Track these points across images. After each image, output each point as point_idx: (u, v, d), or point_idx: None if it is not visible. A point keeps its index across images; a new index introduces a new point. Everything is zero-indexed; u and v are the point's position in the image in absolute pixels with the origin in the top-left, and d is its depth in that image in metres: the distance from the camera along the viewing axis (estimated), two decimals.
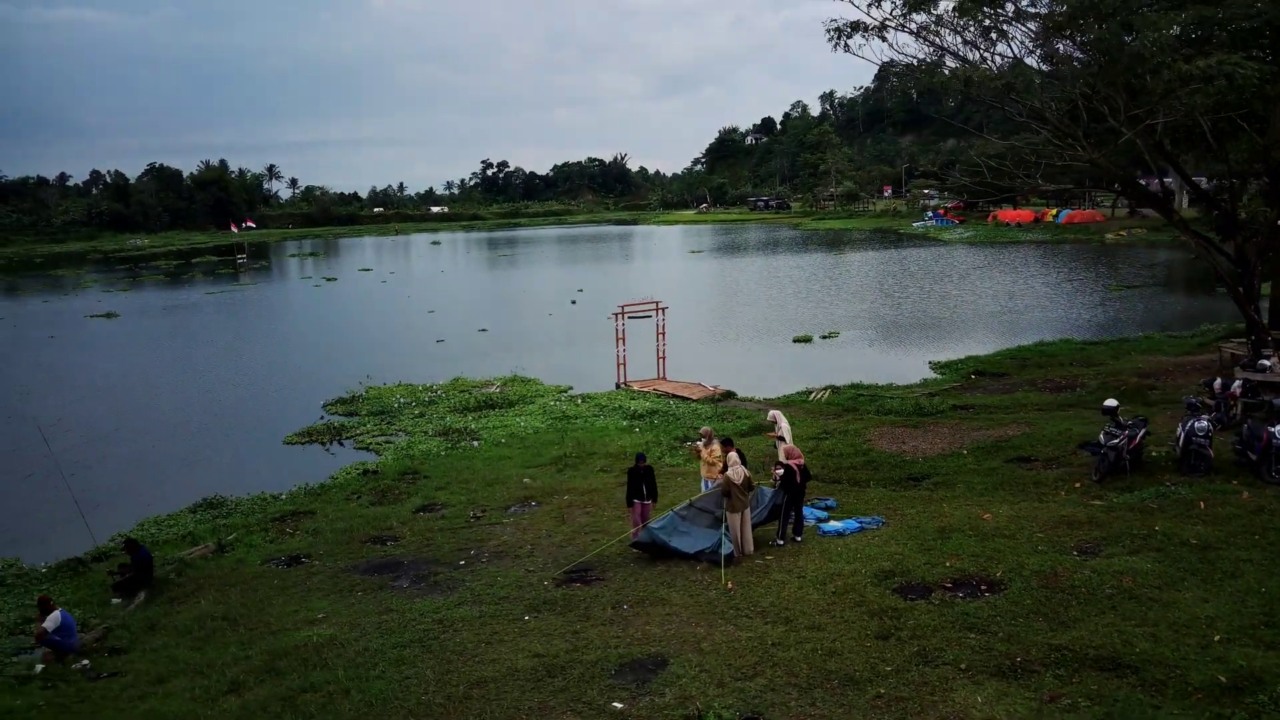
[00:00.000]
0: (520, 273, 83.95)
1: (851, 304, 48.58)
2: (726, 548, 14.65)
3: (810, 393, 27.80)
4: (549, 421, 26.22)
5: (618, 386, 30.44)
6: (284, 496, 20.84)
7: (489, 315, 52.00)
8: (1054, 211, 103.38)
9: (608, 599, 14.02)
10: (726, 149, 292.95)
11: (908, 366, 32.24)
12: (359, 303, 63.48)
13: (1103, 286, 51.87)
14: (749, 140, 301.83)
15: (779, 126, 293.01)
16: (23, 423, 29.81)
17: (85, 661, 13.46)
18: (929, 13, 22.71)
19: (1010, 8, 23.30)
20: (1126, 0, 21.17)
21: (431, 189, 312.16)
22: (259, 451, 25.35)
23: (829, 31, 23.59)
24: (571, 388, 30.88)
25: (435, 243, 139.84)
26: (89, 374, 38.24)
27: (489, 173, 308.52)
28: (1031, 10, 23.76)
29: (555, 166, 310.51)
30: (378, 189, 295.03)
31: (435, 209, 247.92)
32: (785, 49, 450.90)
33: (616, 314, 31.04)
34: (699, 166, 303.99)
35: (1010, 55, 23.94)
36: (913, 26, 23.07)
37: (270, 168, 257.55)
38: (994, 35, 22.99)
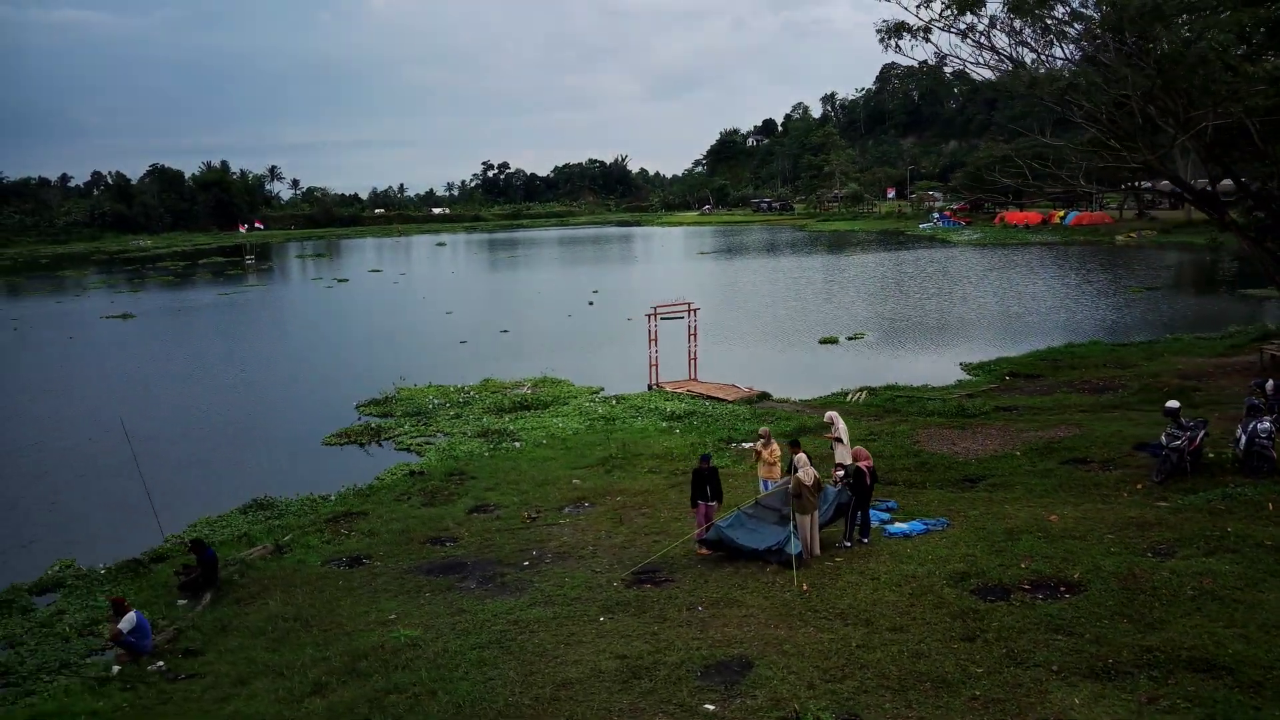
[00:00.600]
0: (530, 274, 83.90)
1: (872, 305, 48.60)
2: (796, 547, 14.64)
3: (847, 394, 27.80)
4: (587, 423, 26.21)
5: (650, 388, 30.42)
6: (333, 498, 20.82)
7: (507, 317, 51.99)
8: (1061, 213, 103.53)
9: (682, 601, 14.01)
10: (727, 150, 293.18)
11: (939, 368, 32.25)
12: (375, 304, 63.41)
13: (1122, 288, 51.92)
14: (750, 142, 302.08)
15: (780, 128, 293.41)
16: (56, 423, 29.82)
17: (160, 663, 13.45)
18: (977, 13, 22.68)
19: (1063, 9, 23.27)
20: (1189, 2, 21.17)
21: (432, 190, 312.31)
22: (299, 452, 25.32)
23: (879, 33, 23.65)
24: (603, 389, 30.87)
25: (440, 244, 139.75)
26: (117, 375, 38.18)
27: (490, 174, 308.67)
28: (1085, 11, 23.73)
29: (556, 168, 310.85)
30: (378, 190, 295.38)
31: (437, 210, 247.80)
32: (784, 51, 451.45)
33: (650, 314, 31.01)
34: (699, 168, 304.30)
35: (1063, 56, 23.89)
36: (960, 27, 23.02)
37: (272, 169, 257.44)
38: (1052, 36, 22.93)
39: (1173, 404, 16.98)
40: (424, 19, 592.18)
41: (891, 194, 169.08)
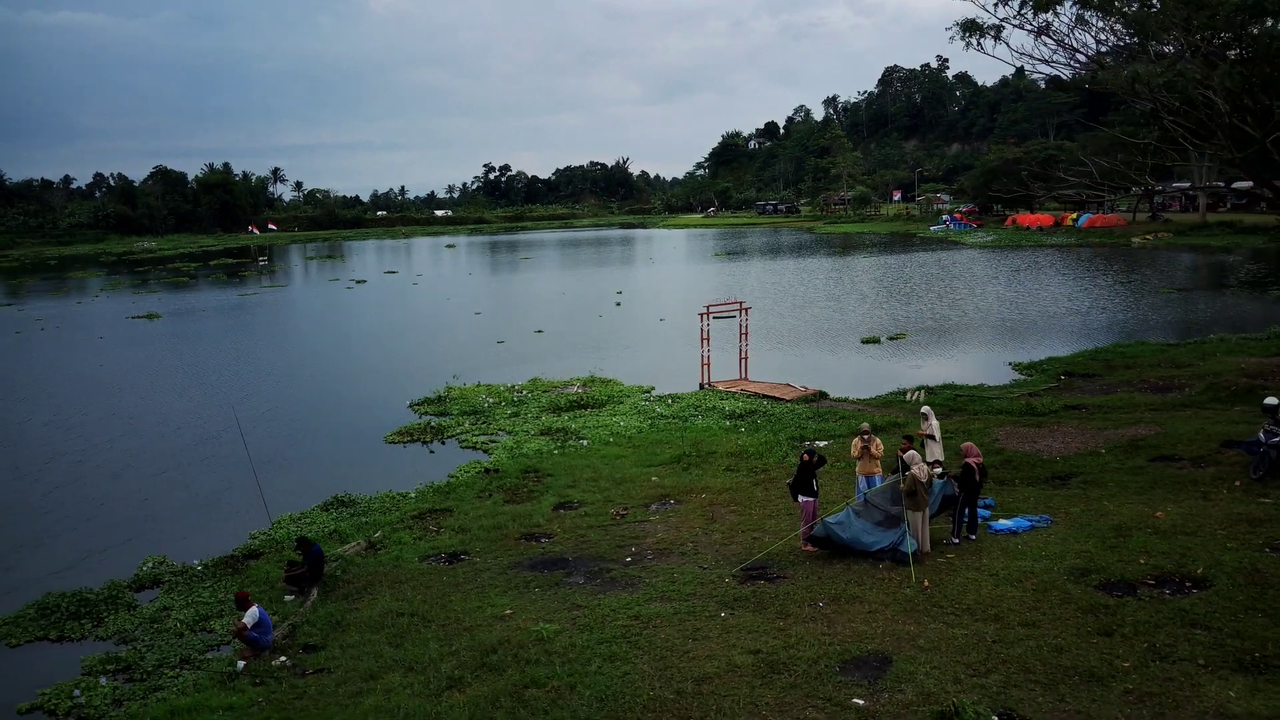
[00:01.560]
0: (548, 275, 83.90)
1: (906, 306, 48.64)
2: (911, 545, 14.65)
3: (905, 393, 27.83)
4: (648, 421, 26.20)
5: (702, 387, 30.42)
6: (412, 495, 20.80)
7: (536, 317, 51.98)
8: (1074, 216, 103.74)
9: (801, 596, 14.03)
10: (730, 153, 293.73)
11: (988, 367, 32.31)
12: (401, 305, 63.42)
13: (1152, 289, 52.02)
14: (752, 145, 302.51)
15: (782, 131, 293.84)
16: (123, 422, 29.80)
17: (284, 658, 13.42)
18: (1055, 12, 22.75)
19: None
20: None
21: (433, 193, 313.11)
22: (364, 450, 25.30)
23: (961, 31, 23.75)
24: (654, 388, 30.87)
25: (450, 246, 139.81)
26: (164, 374, 38.17)
27: (491, 176, 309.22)
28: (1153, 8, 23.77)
29: (557, 170, 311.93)
30: (379, 192, 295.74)
31: (439, 212, 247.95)
32: (783, 53, 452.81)
33: (702, 314, 31.04)
34: (701, 171, 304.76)
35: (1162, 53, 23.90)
36: (1032, 26, 23.10)
37: (275, 171, 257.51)
38: (1149, 35, 22.96)
39: (1271, 400, 17.01)
40: (423, 21, 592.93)
41: (897, 196, 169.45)
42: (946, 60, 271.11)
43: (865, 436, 16.80)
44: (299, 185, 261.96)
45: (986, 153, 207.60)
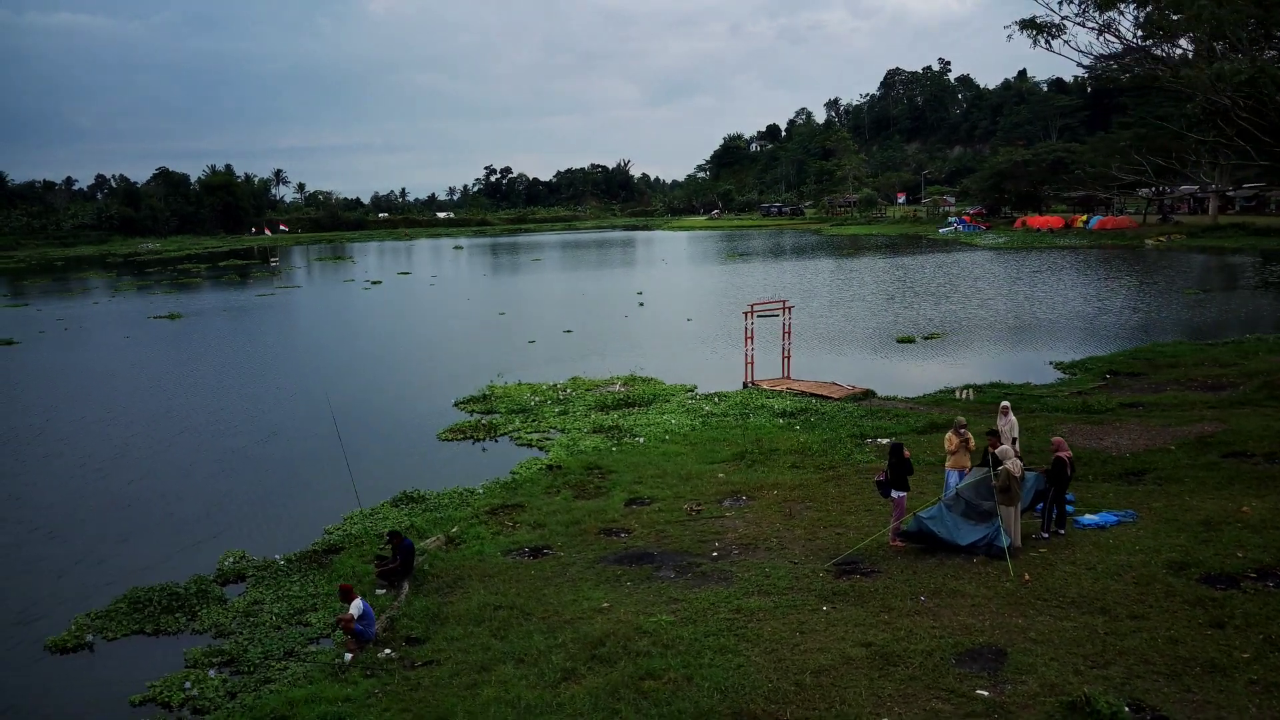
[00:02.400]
0: (563, 276, 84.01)
1: (935, 306, 48.74)
2: (1005, 539, 14.72)
3: (953, 391, 27.91)
4: (699, 419, 26.25)
5: (746, 385, 30.47)
6: (480, 491, 20.84)
7: (561, 317, 52.03)
8: (1084, 218, 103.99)
9: (902, 590, 14.09)
10: (731, 155, 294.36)
11: (1029, 367, 32.42)
12: (421, 305, 63.48)
13: (1176, 290, 52.16)
14: (753, 147, 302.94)
15: (784, 133, 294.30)
16: (177, 420, 29.81)
17: (388, 650, 13.46)
18: (1120, 10, 22.83)
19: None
20: None
21: (434, 195, 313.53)
22: (419, 448, 25.34)
23: (1028, 30, 23.85)
24: (696, 387, 30.90)
25: (458, 247, 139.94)
26: (199, 373, 38.22)
27: (492, 178, 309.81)
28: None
29: (558, 173, 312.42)
30: (380, 194, 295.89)
31: (442, 214, 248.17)
32: (781, 56, 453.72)
33: (746, 312, 31.14)
34: (702, 173, 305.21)
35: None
36: (1097, 23, 23.17)
37: (277, 172, 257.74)
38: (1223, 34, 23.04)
39: None
40: (422, 24, 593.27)
41: (902, 199, 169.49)
42: (949, 63, 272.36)
43: (962, 430, 16.84)
44: (301, 187, 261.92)
45: (988, 155, 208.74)
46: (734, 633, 13.11)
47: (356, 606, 13.62)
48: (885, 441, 22.72)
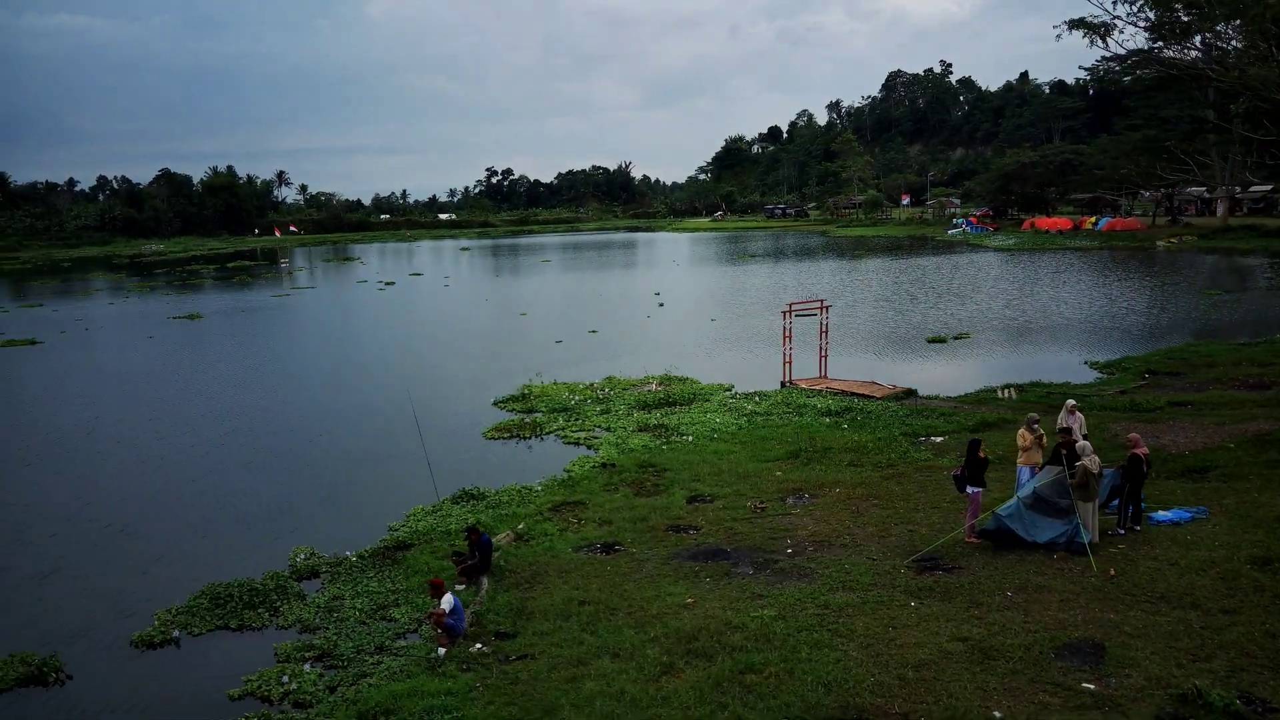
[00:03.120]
0: (576, 277, 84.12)
1: (959, 306, 48.86)
2: (1086, 535, 14.80)
3: (995, 390, 28.01)
4: (743, 418, 26.31)
5: (784, 385, 30.53)
6: (538, 488, 20.90)
7: (583, 317, 52.10)
8: (1093, 219, 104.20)
9: (987, 586, 14.18)
10: (733, 157, 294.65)
11: (1065, 366, 32.55)
12: (440, 305, 63.53)
13: (1197, 291, 52.29)
14: (755, 149, 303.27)
15: (785, 135, 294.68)
16: (223, 419, 29.85)
17: (479, 644, 13.52)
18: (1171, 9, 22.96)
19: None
20: None
21: (434, 196, 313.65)
22: (466, 446, 25.40)
23: (1086, 30, 24.02)
24: (733, 386, 30.96)
25: (465, 249, 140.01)
26: (234, 373, 38.31)
27: (493, 180, 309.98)
28: None
29: (560, 174, 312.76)
30: (381, 196, 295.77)
31: (444, 216, 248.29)
32: (780, 58, 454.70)
33: (785, 311, 31.24)
34: (703, 175, 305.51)
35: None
36: (1149, 20, 23.34)
37: (280, 174, 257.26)
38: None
39: None
40: (421, 26, 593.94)
41: (906, 200, 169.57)
42: (950, 65, 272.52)
43: (1035, 426, 16.91)
44: (304, 188, 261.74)
45: (990, 156, 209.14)
46: (826, 628, 13.18)
47: (448, 601, 13.67)
48: (939, 439, 22.85)
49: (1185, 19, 27.83)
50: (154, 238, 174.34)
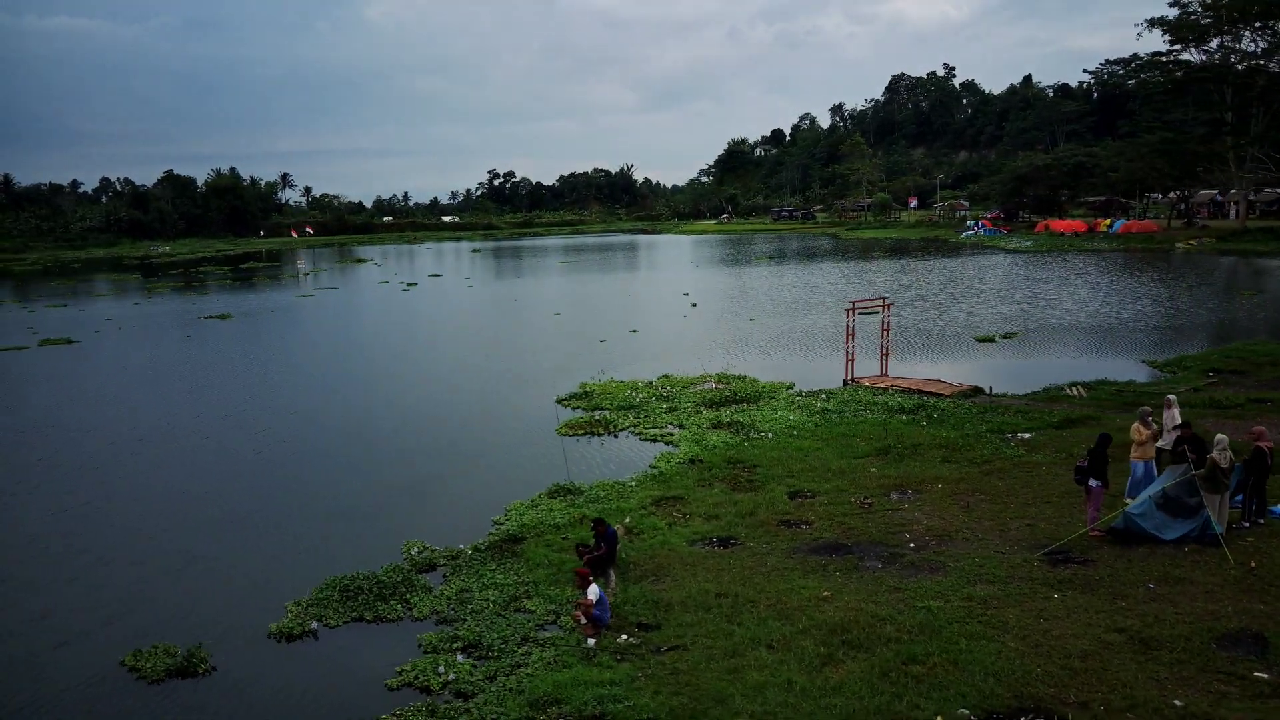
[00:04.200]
0: (597, 278, 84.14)
1: (999, 306, 48.94)
2: (1219, 527, 14.86)
3: (1063, 388, 28.09)
4: (815, 416, 26.32)
5: (846, 383, 30.56)
6: (631, 484, 20.90)
7: (619, 317, 52.14)
8: (1107, 222, 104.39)
9: (1127, 578, 14.25)
10: (736, 160, 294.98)
11: (1122, 365, 32.63)
12: (468, 306, 63.55)
13: (1231, 292, 52.44)
14: (758, 152, 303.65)
15: (788, 138, 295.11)
16: (318, 416, 29.84)
17: (624, 635, 13.54)
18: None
19: None
20: None
21: (436, 199, 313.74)
22: (543, 442, 25.37)
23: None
24: (794, 384, 30.97)
25: (475, 250, 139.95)
26: (289, 373, 38.39)
27: (495, 183, 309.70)
28: None
29: (561, 177, 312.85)
30: (383, 198, 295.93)
31: (447, 218, 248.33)
32: (779, 61, 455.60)
33: (848, 310, 31.29)
34: (705, 177, 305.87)
35: None
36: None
37: (284, 176, 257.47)
38: None
39: None
40: (419, 28, 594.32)
41: (913, 203, 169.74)
42: (953, 68, 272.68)
43: (1150, 420, 16.95)
44: (308, 190, 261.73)
45: (994, 159, 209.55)
46: (976, 620, 13.22)
47: (593, 592, 13.71)
48: (1026, 436, 22.89)
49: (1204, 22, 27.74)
50: (159, 239, 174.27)
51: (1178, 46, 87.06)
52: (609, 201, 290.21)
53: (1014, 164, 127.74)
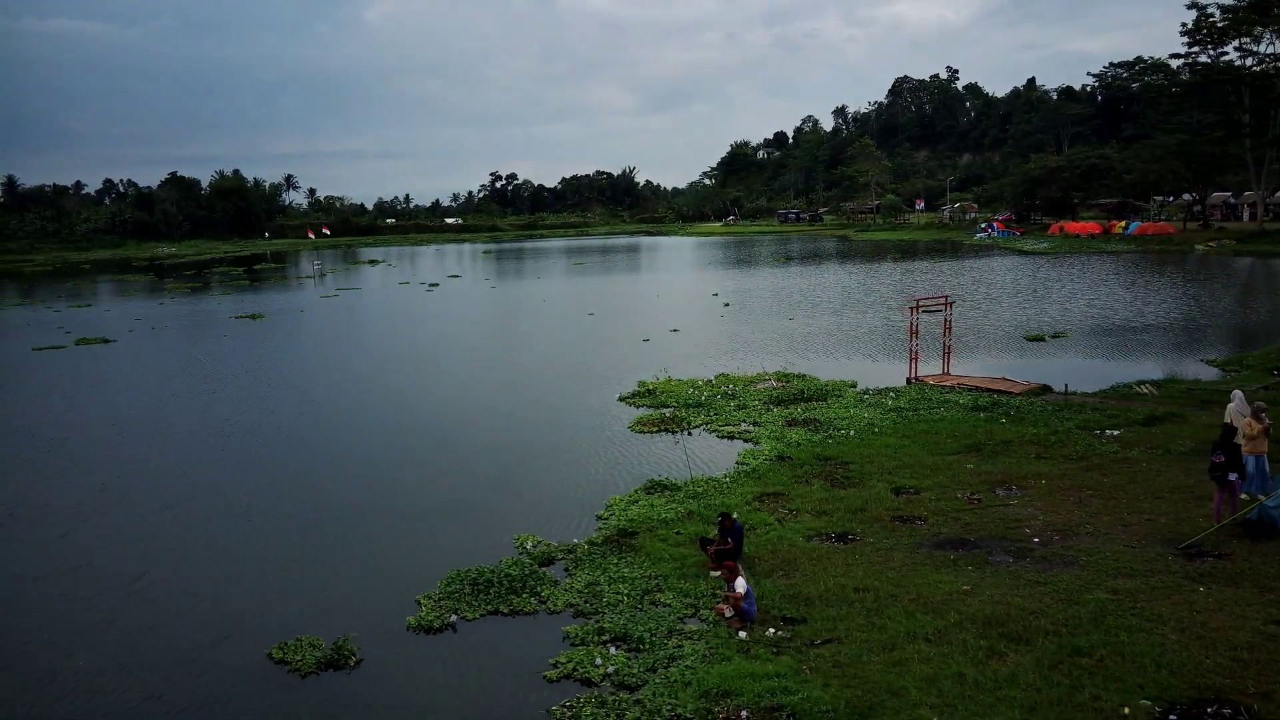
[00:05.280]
0: (618, 279, 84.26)
1: (1040, 306, 49.02)
2: None
3: (1132, 386, 28.11)
4: (889, 413, 26.29)
5: (909, 381, 30.53)
6: (726, 480, 20.84)
7: (655, 317, 52.11)
8: (1122, 224, 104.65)
9: (1270, 571, 14.27)
10: (739, 162, 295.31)
11: (1180, 364, 32.70)
12: (496, 306, 63.55)
13: (1269, 293, 52.56)
14: (760, 154, 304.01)
15: (791, 140, 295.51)
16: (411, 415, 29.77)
17: (772, 629, 13.51)
18: None
19: None
20: None
21: (438, 201, 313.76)
22: (618, 439, 25.32)
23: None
24: (856, 382, 30.95)
25: (487, 252, 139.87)
26: (333, 372, 38.26)
27: (498, 185, 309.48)
28: None
29: (564, 179, 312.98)
30: (384, 200, 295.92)
31: (450, 220, 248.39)
32: (778, 65, 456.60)
33: (912, 308, 31.29)
34: (706, 180, 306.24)
35: None
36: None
37: (288, 178, 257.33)
38: None
39: None
40: (419, 31, 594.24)
41: (920, 205, 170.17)
42: (956, 71, 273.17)
43: (1263, 415, 16.94)
44: (312, 192, 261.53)
45: (999, 162, 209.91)
46: (1129, 613, 13.19)
47: (741, 585, 13.68)
48: (1115, 433, 22.89)
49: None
50: (164, 241, 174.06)
51: (1195, 49, 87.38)
52: (611, 204, 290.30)
53: (1026, 166, 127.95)
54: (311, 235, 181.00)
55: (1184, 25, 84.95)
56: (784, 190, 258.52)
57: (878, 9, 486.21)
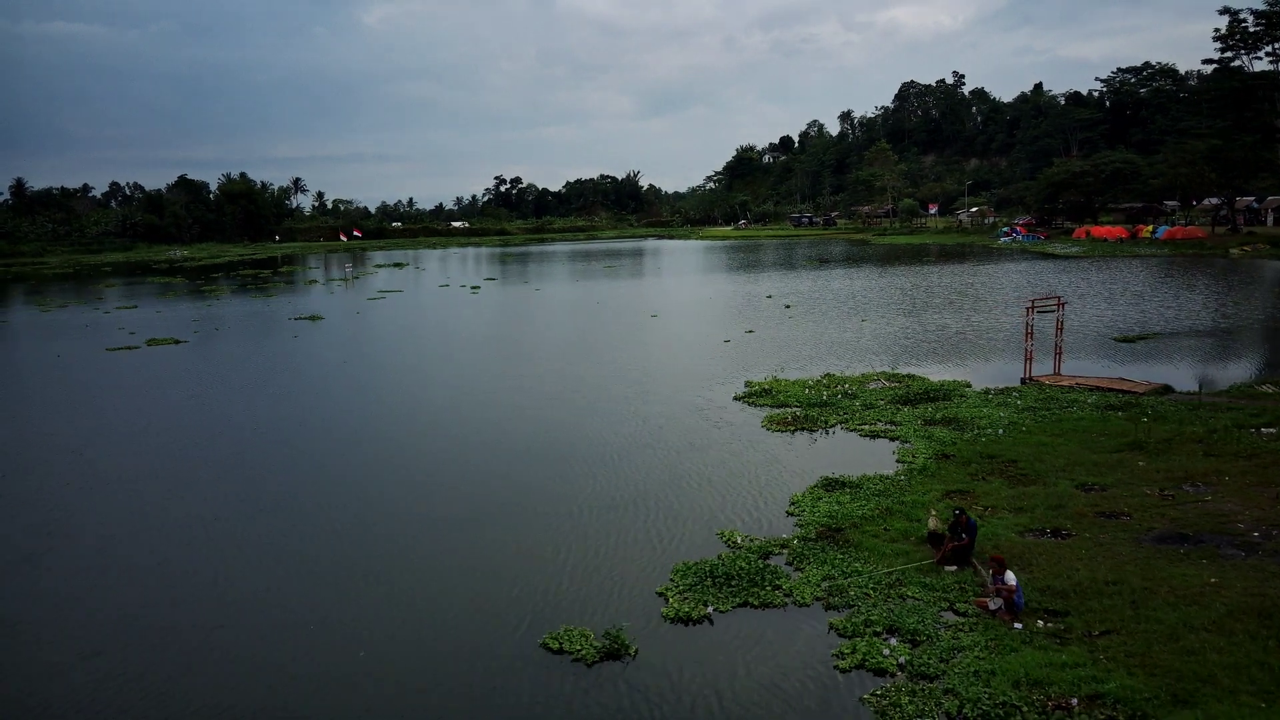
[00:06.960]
0: (657, 282, 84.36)
1: (1113, 307, 49.29)
2: None
3: (1251, 385, 28.33)
4: (1022, 413, 26.41)
5: (1024, 382, 30.68)
6: (900, 477, 20.95)
7: (722, 319, 52.23)
8: (1150, 228, 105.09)
9: None
10: (744, 166, 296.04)
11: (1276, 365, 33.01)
12: (552, 309, 63.50)
13: None
14: (766, 159, 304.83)
15: (797, 145, 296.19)
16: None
17: (1041, 621, 13.61)
18: None
19: None
20: None
21: (441, 204, 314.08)
22: (755, 438, 25.39)
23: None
24: (970, 383, 31.08)
25: (508, 256, 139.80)
26: (435, 372, 38.49)
27: (502, 188, 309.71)
28: None
29: (568, 183, 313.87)
30: (387, 204, 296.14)
31: (456, 224, 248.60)
32: (775, 69, 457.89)
33: (1027, 308, 31.46)
34: (711, 184, 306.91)
35: None
36: None
37: (296, 181, 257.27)
38: None
39: None
40: (417, 34, 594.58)
41: (934, 210, 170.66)
42: (962, 76, 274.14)
43: None
44: (319, 195, 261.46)
45: (1005, 167, 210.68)
46: None
47: (1011, 577, 13.79)
48: (1270, 430, 23.03)
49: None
50: (175, 244, 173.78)
51: (1229, 54, 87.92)
52: (615, 208, 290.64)
53: (1050, 171, 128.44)
54: (343, 238, 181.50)
55: (1216, 30, 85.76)
56: (790, 194, 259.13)
57: (874, 14, 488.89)
